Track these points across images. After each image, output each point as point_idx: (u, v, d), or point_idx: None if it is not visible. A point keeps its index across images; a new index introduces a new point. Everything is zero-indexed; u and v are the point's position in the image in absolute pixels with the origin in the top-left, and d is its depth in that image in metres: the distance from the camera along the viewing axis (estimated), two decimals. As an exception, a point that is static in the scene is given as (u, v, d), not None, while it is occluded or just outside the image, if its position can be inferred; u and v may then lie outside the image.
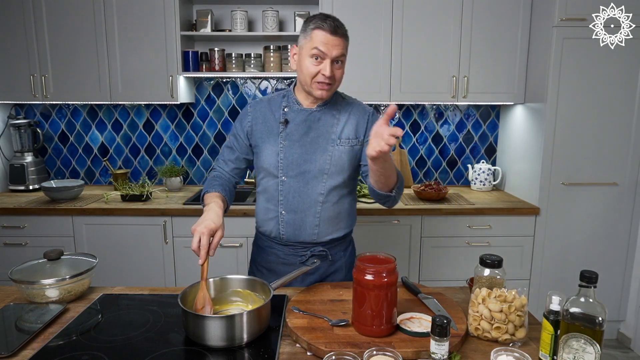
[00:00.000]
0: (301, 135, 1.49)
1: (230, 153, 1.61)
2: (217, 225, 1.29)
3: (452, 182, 3.29)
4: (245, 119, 1.57)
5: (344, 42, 1.40)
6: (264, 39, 2.97)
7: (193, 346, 1.11)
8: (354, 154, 1.52)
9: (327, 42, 1.37)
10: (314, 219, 1.51)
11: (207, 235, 1.25)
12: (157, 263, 2.68)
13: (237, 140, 1.59)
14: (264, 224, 1.59)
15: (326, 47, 1.37)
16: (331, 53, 1.37)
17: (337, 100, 1.54)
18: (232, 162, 1.60)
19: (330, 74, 1.39)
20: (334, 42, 1.37)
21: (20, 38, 2.75)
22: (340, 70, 1.42)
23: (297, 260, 1.56)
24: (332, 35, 1.37)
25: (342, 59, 1.41)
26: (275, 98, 1.57)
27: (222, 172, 1.61)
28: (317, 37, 1.37)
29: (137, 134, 3.19)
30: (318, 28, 1.37)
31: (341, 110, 1.53)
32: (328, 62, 1.38)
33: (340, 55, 1.39)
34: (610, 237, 2.70)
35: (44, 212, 2.61)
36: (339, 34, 1.38)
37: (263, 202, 1.58)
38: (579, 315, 0.95)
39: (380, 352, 1.00)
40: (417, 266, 2.72)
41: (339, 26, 1.38)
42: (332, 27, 1.36)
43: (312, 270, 1.55)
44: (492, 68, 2.79)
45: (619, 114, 2.58)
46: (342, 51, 1.40)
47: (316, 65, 1.39)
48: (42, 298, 1.32)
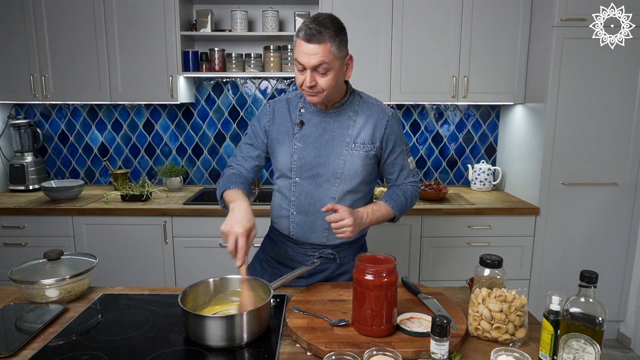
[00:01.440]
0: (316, 137, 1.47)
1: (252, 150, 1.57)
2: (252, 224, 1.26)
3: (452, 182, 3.30)
4: (264, 118, 1.54)
5: (321, 48, 1.30)
6: (264, 39, 2.97)
7: (193, 346, 1.11)
8: (369, 159, 1.48)
9: (304, 52, 1.32)
10: (324, 222, 1.49)
11: (244, 236, 1.21)
12: (157, 263, 2.68)
13: (257, 138, 1.56)
14: (277, 220, 1.59)
15: (303, 57, 1.32)
16: (309, 63, 1.32)
17: (354, 101, 1.50)
18: (254, 159, 1.56)
19: (310, 83, 1.34)
20: (310, 51, 1.30)
21: (20, 38, 2.75)
22: (326, 78, 1.34)
23: (305, 259, 1.55)
24: (307, 44, 1.30)
25: (324, 66, 1.32)
26: (293, 98, 1.54)
27: (241, 169, 1.56)
28: (297, 47, 1.34)
29: (137, 134, 3.20)
30: (297, 36, 1.34)
31: (358, 112, 1.48)
32: (308, 72, 1.33)
33: (320, 64, 1.31)
34: (610, 237, 2.70)
35: (44, 212, 2.61)
36: (314, 41, 1.30)
37: (278, 199, 1.57)
38: (579, 315, 0.95)
39: (380, 352, 1.00)
40: (417, 266, 2.72)
41: (314, 33, 1.29)
42: (306, 36, 1.30)
43: (318, 270, 1.55)
44: (492, 68, 2.79)
45: (619, 114, 2.58)
46: (321, 59, 1.31)
47: (301, 75, 1.36)
48: (42, 298, 1.32)
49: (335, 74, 1.36)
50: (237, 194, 1.39)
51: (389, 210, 1.50)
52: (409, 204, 1.56)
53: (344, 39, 1.37)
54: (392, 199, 1.51)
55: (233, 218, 1.26)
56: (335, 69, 1.35)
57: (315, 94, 1.37)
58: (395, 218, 1.54)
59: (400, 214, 1.53)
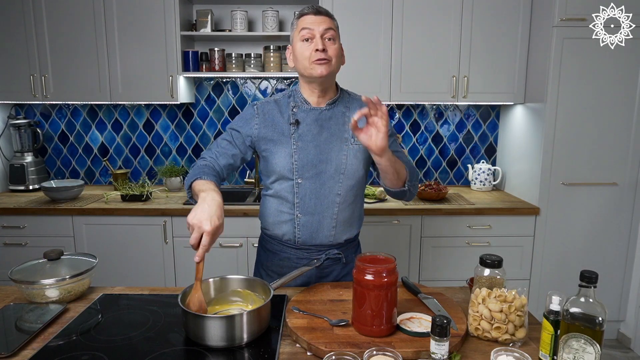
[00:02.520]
0: (314, 135, 1.46)
1: (230, 147, 1.49)
2: (221, 222, 1.17)
3: (452, 182, 3.30)
4: (252, 121, 1.49)
5: (329, 19, 1.41)
6: (264, 39, 2.97)
7: (193, 346, 1.11)
8: (367, 154, 1.48)
9: (313, 21, 1.40)
10: (331, 221, 1.48)
11: (209, 235, 1.13)
12: (157, 263, 2.68)
13: (239, 138, 1.49)
14: (275, 227, 1.53)
15: (312, 24, 1.39)
16: (318, 28, 1.39)
17: (344, 97, 1.52)
18: (230, 157, 1.48)
19: (322, 47, 1.38)
20: (319, 20, 1.40)
21: (20, 38, 2.75)
22: (334, 47, 1.41)
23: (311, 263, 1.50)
24: (315, 15, 1.40)
25: (332, 34, 1.41)
26: (281, 99, 1.52)
27: (214, 164, 1.46)
28: (302, 21, 1.42)
29: (137, 134, 3.20)
30: (301, 15, 1.43)
31: (350, 108, 1.50)
32: (318, 37, 1.39)
33: (328, 30, 1.40)
34: (610, 237, 2.70)
35: (44, 212, 2.61)
36: (322, 13, 1.41)
37: (275, 205, 1.51)
38: (579, 315, 0.95)
39: (380, 352, 1.00)
40: (417, 266, 2.72)
41: (320, 9, 1.42)
42: (314, 9, 1.41)
43: (323, 274, 1.54)
44: (492, 68, 2.79)
45: (619, 114, 2.58)
46: (329, 25, 1.40)
47: (308, 46, 1.40)
48: (42, 298, 1.32)
49: (339, 46, 1.44)
50: (209, 185, 1.30)
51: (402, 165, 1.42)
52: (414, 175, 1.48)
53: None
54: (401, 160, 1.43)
55: (204, 211, 1.16)
56: (338, 43, 1.44)
57: (325, 62, 1.39)
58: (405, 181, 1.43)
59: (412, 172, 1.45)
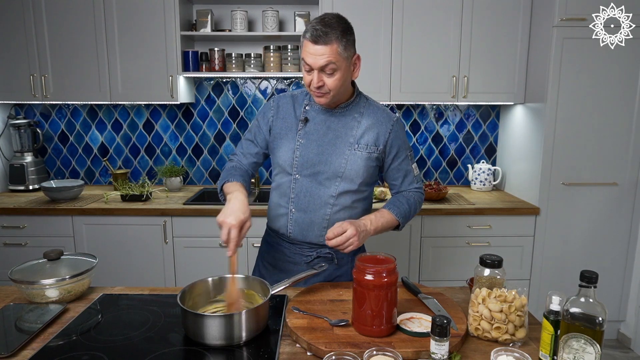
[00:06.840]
0: (320, 136, 1.47)
1: (252, 147, 1.59)
2: (246, 216, 1.28)
3: (452, 182, 3.29)
4: (268, 113, 1.55)
5: (328, 49, 1.31)
6: (264, 39, 2.97)
7: (193, 346, 1.11)
8: (371, 161, 1.49)
9: (311, 53, 1.33)
10: (322, 221, 1.50)
11: (237, 227, 1.24)
12: (157, 263, 2.68)
13: (259, 134, 1.57)
14: (275, 220, 1.58)
15: (310, 58, 1.33)
16: (315, 64, 1.33)
17: (360, 102, 1.51)
18: (253, 156, 1.59)
19: (318, 84, 1.35)
20: (317, 51, 1.32)
21: (20, 38, 2.75)
22: (333, 78, 1.35)
23: (302, 260, 1.54)
24: (313, 45, 1.32)
25: (332, 66, 1.33)
26: (299, 95, 1.55)
27: (241, 164, 1.59)
28: (305, 47, 1.35)
29: (137, 134, 3.20)
30: (304, 37, 1.35)
31: (364, 114, 1.49)
32: (315, 73, 1.35)
33: (327, 64, 1.33)
34: (610, 237, 2.70)
35: (43, 212, 2.61)
36: (320, 42, 1.31)
37: (276, 197, 1.57)
38: (579, 315, 0.95)
39: (380, 352, 1.00)
40: (417, 266, 2.72)
41: (320, 34, 1.31)
42: (312, 37, 1.32)
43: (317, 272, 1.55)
44: (492, 68, 2.79)
45: (619, 114, 2.58)
46: (328, 59, 1.32)
47: (308, 75, 1.37)
48: (42, 298, 1.32)
49: (342, 75, 1.37)
50: (235, 186, 1.42)
51: (392, 218, 1.49)
52: (413, 211, 1.56)
53: (350, 38, 1.38)
54: (395, 207, 1.51)
55: (228, 209, 1.28)
56: (342, 69, 1.36)
57: (322, 95, 1.39)
58: (399, 226, 1.53)
59: (404, 221, 1.53)
